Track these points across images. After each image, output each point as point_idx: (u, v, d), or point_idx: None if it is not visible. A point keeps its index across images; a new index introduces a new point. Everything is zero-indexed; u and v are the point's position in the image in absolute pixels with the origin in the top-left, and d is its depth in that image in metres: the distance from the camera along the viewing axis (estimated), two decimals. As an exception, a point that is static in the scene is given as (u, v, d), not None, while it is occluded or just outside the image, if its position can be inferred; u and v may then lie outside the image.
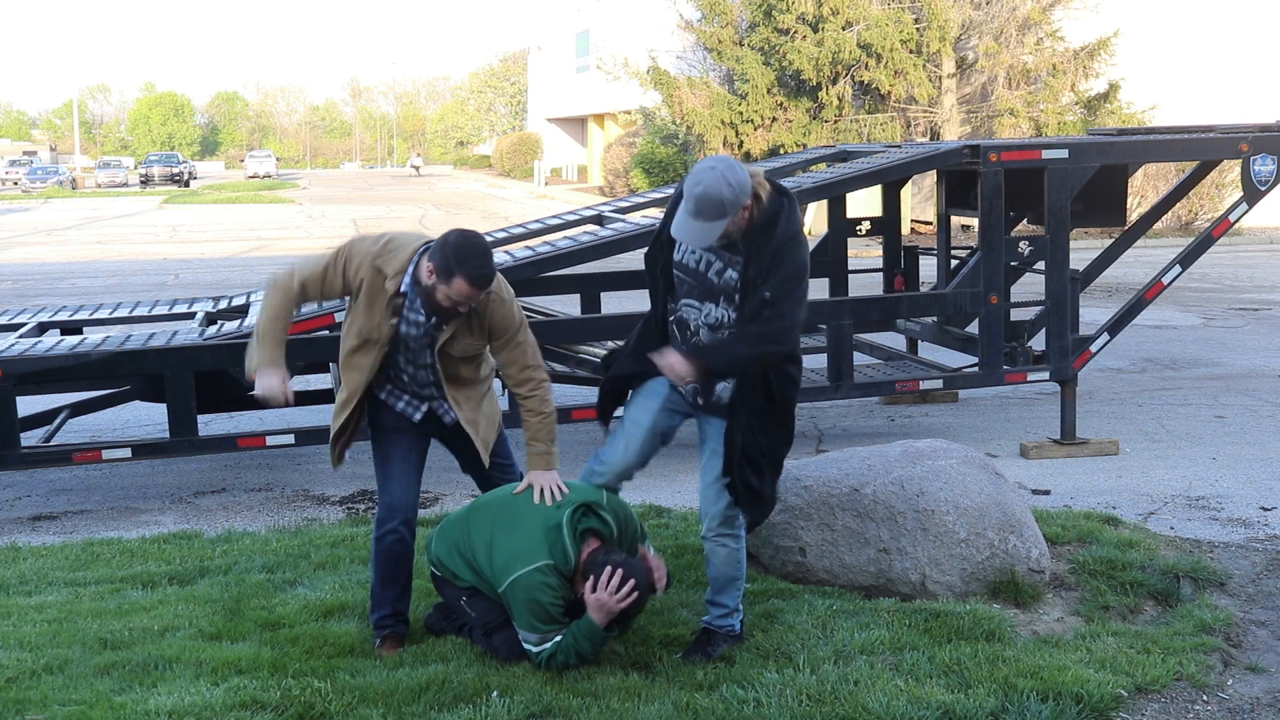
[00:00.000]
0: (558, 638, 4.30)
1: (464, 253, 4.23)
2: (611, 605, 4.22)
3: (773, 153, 24.22)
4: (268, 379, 4.37)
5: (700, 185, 4.06)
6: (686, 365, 4.19)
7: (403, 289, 4.38)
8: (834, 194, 8.46)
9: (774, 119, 25.13)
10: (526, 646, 4.34)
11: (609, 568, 4.23)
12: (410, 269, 4.38)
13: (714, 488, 4.39)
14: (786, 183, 8.28)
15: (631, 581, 4.22)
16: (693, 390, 4.41)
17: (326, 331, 6.89)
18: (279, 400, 4.39)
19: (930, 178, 19.05)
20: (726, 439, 4.31)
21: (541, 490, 4.42)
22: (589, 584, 4.26)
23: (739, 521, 4.46)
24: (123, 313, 8.37)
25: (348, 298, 4.56)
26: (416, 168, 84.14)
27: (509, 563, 4.31)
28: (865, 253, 17.09)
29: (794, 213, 4.24)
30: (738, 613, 4.58)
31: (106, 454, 6.80)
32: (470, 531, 4.51)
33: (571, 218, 8.97)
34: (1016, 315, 8.48)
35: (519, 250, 7.82)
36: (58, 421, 7.71)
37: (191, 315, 8.14)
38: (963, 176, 8.50)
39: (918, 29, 23.81)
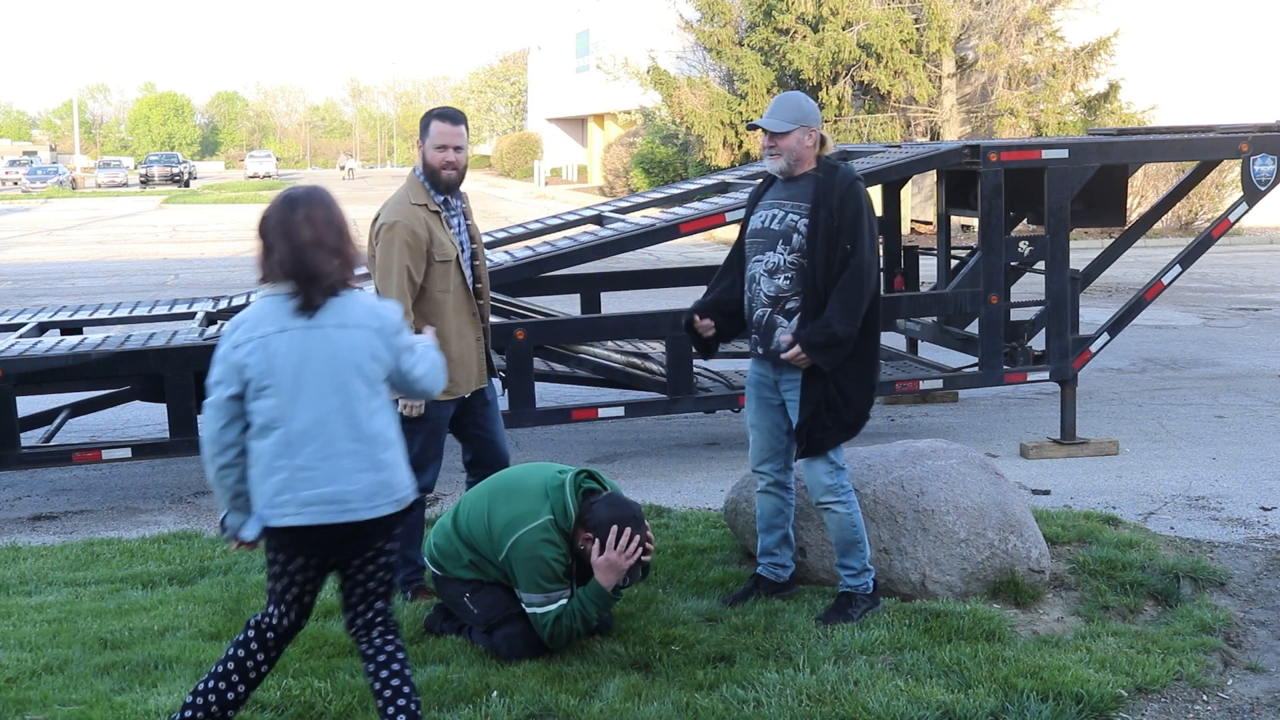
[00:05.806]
0: (563, 600, 4.35)
1: (428, 114, 4.91)
2: (621, 564, 4.35)
3: (773, 153, 24.16)
4: None
5: (784, 93, 4.75)
6: (802, 357, 4.62)
7: (436, 202, 4.82)
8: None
9: (774, 119, 25.09)
10: (532, 611, 4.37)
11: (615, 527, 4.34)
12: (421, 177, 4.85)
13: (807, 461, 4.75)
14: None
15: (639, 537, 4.37)
16: (756, 341, 4.82)
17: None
18: None
19: (930, 178, 19.04)
20: (804, 396, 4.67)
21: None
22: (595, 546, 4.34)
23: (843, 489, 4.76)
24: (123, 313, 8.38)
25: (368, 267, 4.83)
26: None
27: (510, 525, 4.39)
28: (865, 253, 17.05)
29: (853, 170, 4.72)
30: (868, 572, 4.81)
31: (106, 454, 6.81)
32: (469, 514, 4.58)
33: (571, 218, 8.98)
34: (1016, 315, 8.47)
35: (519, 250, 7.82)
36: (58, 421, 7.71)
37: (191, 315, 8.14)
38: (963, 176, 8.50)
39: (918, 29, 23.80)
